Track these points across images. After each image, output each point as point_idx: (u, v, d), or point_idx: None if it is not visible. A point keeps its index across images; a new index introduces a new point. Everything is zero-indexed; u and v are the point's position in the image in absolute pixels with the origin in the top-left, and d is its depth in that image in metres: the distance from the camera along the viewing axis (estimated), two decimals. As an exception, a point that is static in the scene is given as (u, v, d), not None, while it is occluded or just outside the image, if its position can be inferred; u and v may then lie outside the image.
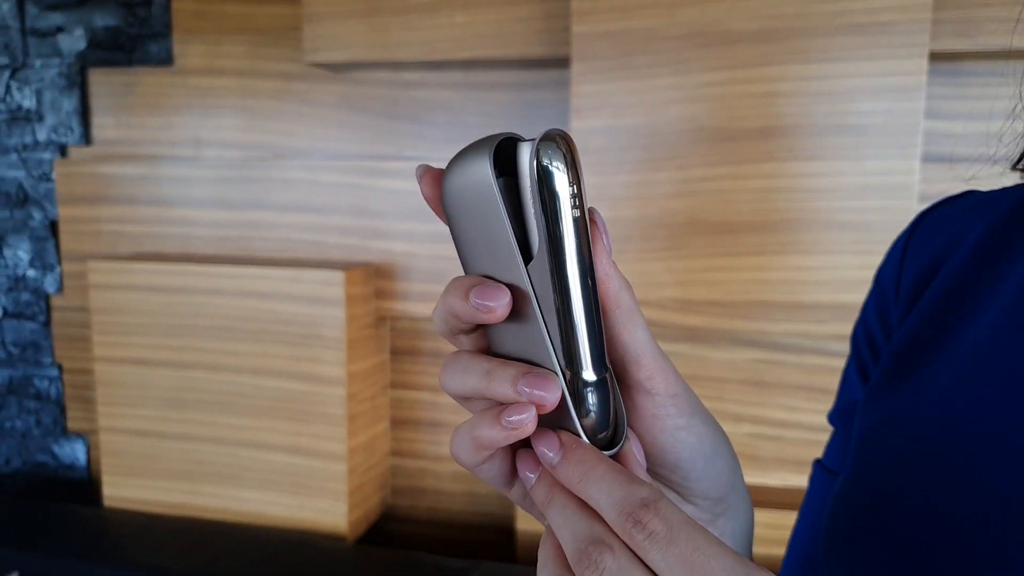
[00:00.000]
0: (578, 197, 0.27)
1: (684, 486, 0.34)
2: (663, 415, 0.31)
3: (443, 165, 1.17)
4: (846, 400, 0.48)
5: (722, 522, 0.36)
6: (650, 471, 0.34)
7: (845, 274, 1.18)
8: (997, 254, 0.39)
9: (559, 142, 0.27)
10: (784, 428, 1.36)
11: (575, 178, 0.27)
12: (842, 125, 1.15)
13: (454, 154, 0.29)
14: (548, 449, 0.29)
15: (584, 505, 0.28)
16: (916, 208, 1.14)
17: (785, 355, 1.34)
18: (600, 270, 0.29)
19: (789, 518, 1.42)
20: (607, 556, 0.26)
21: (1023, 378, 0.34)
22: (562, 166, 0.26)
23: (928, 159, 1.21)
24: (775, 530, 1.30)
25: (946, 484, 0.34)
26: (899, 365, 0.41)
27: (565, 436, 0.29)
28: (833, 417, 0.49)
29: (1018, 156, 0.43)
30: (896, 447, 0.38)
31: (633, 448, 0.31)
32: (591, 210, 0.28)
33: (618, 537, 0.27)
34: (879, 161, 1.14)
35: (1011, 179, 0.45)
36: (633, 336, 0.30)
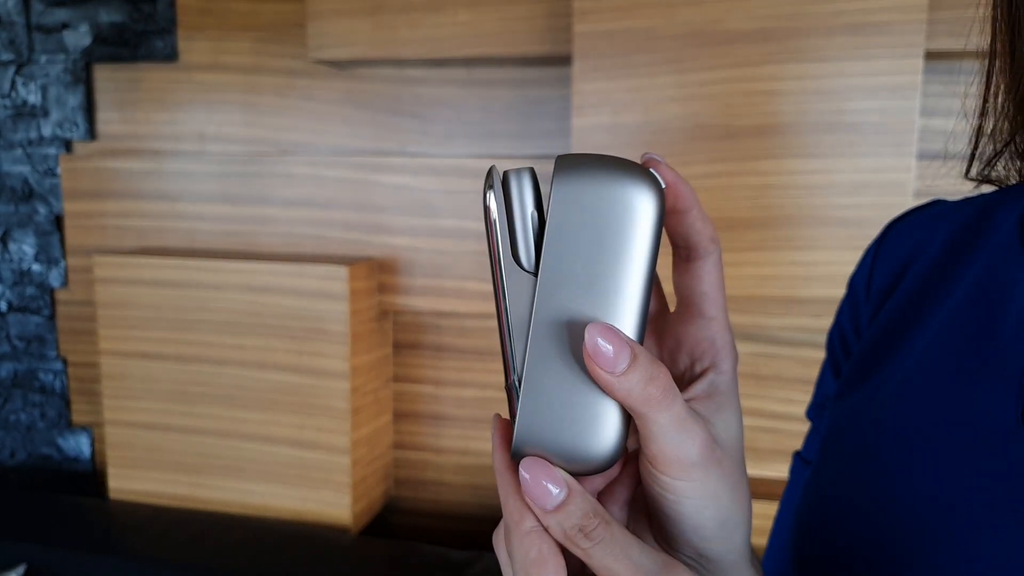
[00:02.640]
0: (504, 226, 0.28)
1: (664, 534, 0.32)
2: (662, 484, 0.30)
3: (445, 161, 1.21)
4: (821, 396, 0.51)
5: (707, 565, 0.33)
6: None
7: (841, 269, 1.20)
8: (951, 264, 0.42)
9: (494, 183, 0.28)
10: (781, 420, 1.38)
11: (501, 211, 0.28)
12: (839, 123, 1.17)
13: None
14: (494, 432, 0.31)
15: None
16: (911, 204, 1.16)
17: (782, 348, 1.36)
18: (596, 382, 0.28)
19: (785, 509, 1.42)
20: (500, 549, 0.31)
21: (951, 386, 0.36)
22: (491, 202, 0.28)
23: (923, 156, 1.23)
24: (773, 521, 1.32)
25: (884, 487, 0.37)
26: (862, 365, 0.44)
27: (501, 429, 0.31)
28: (810, 412, 0.52)
29: (967, 166, 0.44)
30: (851, 445, 0.41)
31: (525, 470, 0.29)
32: (592, 325, 0.28)
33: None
34: (875, 158, 1.16)
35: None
36: (648, 431, 0.28)
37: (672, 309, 0.35)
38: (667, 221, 0.30)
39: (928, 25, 1.13)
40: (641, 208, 0.27)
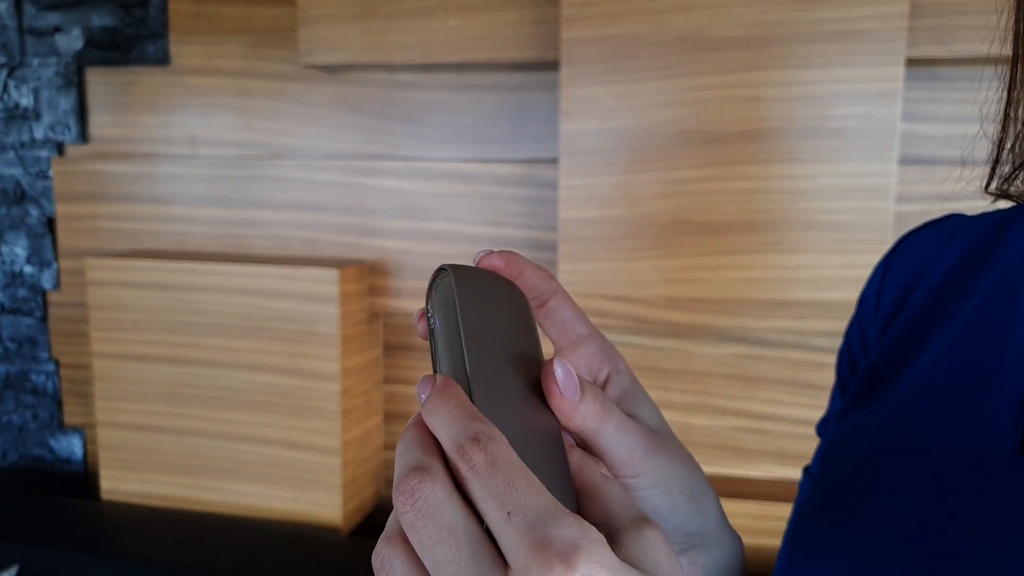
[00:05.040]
0: (437, 315, 0.32)
1: None
2: (623, 483, 0.33)
3: (436, 164, 1.23)
4: (829, 412, 0.50)
5: (697, 554, 0.37)
6: None
7: (825, 272, 1.22)
8: (961, 283, 0.41)
9: (437, 284, 0.33)
10: (767, 421, 1.40)
11: (430, 303, 0.33)
12: (822, 129, 1.18)
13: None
14: (421, 391, 0.29)
15: (426, 438, 0.28)
16: (893, 209, 1.18)
17: (768, 350, 1.38)
18: (558, 415, 0.31)
19: (773, 508, 1.47)
20: (427, 484, 0.26)
21: (950, 411, 0.36)
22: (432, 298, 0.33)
23: (905, 161, 1.25)
24: (761, 520, 1.34)
25: (876, 508, 0.36)
26: (868, 384, 0.43)
27: (440, 378, 0.29)
28: (819, 427, 0.51)
29: (987, 179, 0.43)
30: (848, 464, 0.41)
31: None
32: (549, 362, 0.31)
33: (446, 470, 0.27)
34: (858, 163, 1.18)
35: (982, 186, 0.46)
36: (600, 445, 0.32)
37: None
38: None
39: (909, 33, 1.14)
40: (521, 297, 0.34)
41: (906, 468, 0.37)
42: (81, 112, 1.62)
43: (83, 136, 1.62)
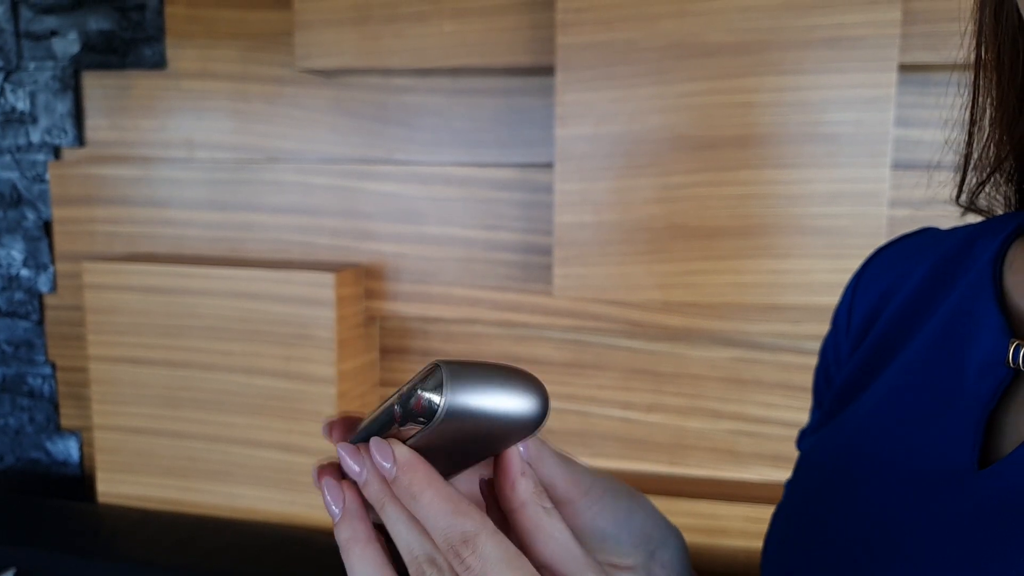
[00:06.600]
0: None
1: (615, 549, 0.37)
2: (579, 511, 0.35)
3: (431, 169, 1.23)
4: (808, 426, 0.52)
5: (660, 553, 0.39)
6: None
7: (818, 277, 1.23)
8: (929, 298, 0.41)
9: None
10: (761, 424, 1.41)
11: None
12: (815, 134, 1.19)
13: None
14: (384, 460, 0.31)
15: (416, 520, 0.31)
16: (886, 214, 1.19)
17: (762, 354, 1.39)
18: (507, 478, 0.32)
19: (767, 512, 1.47)
20: None
21: (911, 427, 0.36)
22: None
23: (898, 166, 1.25)
24: (755, 523, 1.35)
25: (839, 523, 0.37)
26: (840, 398, 0.44)
27: (399, 450, 0.31)
28: (798, 441, 0.52)
29: (957, 192, 0.43)
30: (814, 479, 0.42)
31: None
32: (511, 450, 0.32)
33: (447, 559, 0.30)
34: (851, 169, 1.19)
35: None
36: (545, 471, 0.34)
37: None
38: None
39: (902, 39, 1.15)
40: None
41: (867, 485, 0.37)
42: (77, 116, 1.62)
43: (79, 140, 1.63)
